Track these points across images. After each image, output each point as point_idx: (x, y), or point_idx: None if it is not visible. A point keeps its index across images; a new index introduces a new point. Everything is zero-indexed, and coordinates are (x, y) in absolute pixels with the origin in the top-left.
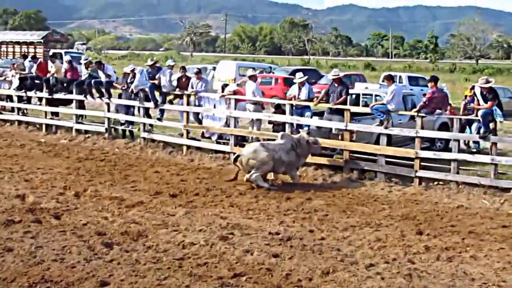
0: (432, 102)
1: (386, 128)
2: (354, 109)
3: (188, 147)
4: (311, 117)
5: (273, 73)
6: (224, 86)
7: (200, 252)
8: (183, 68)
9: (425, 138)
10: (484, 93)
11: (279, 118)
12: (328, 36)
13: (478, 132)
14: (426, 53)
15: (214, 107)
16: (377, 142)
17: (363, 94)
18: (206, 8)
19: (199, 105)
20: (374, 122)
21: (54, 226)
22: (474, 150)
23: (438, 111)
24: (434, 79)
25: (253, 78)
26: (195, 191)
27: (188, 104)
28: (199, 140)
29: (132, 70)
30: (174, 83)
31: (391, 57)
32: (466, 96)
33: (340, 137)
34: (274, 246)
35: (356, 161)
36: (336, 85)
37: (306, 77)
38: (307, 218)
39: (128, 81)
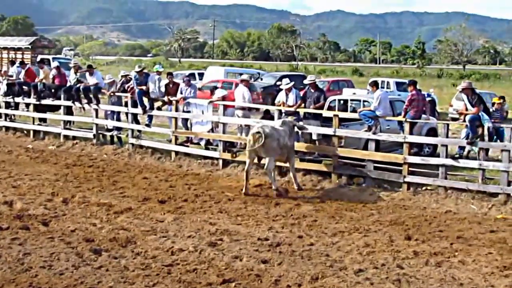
0: (412, 105)
1: (374, 133)
2: (343, 114)
3: (177, 153)
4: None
5: (261, 79)
6: (214, 89)
7: (189, 258)
8: (170, 74)
9: (413, 144)
10: (468, 97)
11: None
12: (316, 42)
13: (467, 138)
14: (413, 58)
15: (202, 113)
16: (365, 148)
17: (351, 100)
18: (194, 14)
19: (188, 111)
20: (362, 128)
21: (42, 233)
22: (457, 156)
23: (424, 115)
24: (413, 83)
25: (245, 83)
26: (184, 197)
27: (176, 110)
28: (187, 146)
29: (126, 75)
30: (163, 89)
31: (379, 63)
32: (493, 104)
33: (317, 142)
34: (263, 252)
35: (345, 167)
36: (312, 90)
37: (292, 83)
38: (296, 224)
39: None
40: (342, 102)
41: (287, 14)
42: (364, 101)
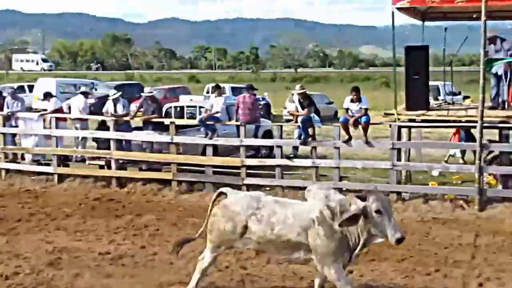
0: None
1: (211, 138)
2: (179, 121)
3: (7, 171)
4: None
5: (96, 89)
6: (48, 95)
7: (26, 281)
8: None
9: (250, 146)
10: (301, 100)
11: (103, 134)
12: (151, 50)
13: (300, 138)
14: (248, 64)
15: (31, 127)
16: (203, 153)
17: (187, 106)
18: (22, 23)
19: (16, 126)
20: (199, 133)
21: None
22: (292, 155)
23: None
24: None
25: (85, 94)
26: (17, 217)
27: (4, 125)
28: (18, 163)
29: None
30: None
31: (215, 69)
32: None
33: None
34: (105, 266)
35: (184, 173)
36: (149, 102)
37: (120, 93)
38: (138, 235)
39: None
40: (178, 109)
41: (121, 22)
42: (200, 107)
